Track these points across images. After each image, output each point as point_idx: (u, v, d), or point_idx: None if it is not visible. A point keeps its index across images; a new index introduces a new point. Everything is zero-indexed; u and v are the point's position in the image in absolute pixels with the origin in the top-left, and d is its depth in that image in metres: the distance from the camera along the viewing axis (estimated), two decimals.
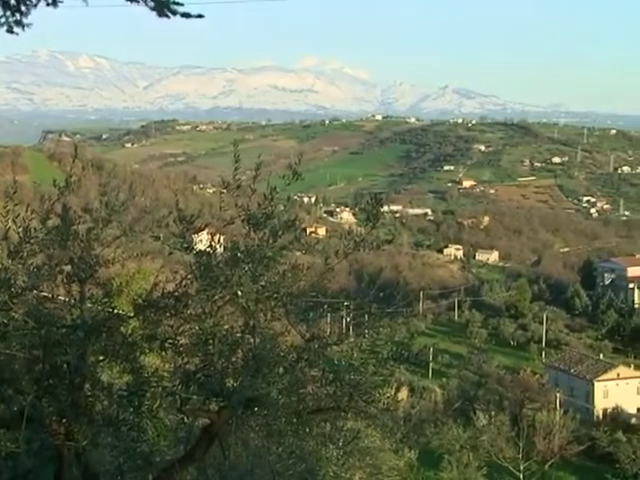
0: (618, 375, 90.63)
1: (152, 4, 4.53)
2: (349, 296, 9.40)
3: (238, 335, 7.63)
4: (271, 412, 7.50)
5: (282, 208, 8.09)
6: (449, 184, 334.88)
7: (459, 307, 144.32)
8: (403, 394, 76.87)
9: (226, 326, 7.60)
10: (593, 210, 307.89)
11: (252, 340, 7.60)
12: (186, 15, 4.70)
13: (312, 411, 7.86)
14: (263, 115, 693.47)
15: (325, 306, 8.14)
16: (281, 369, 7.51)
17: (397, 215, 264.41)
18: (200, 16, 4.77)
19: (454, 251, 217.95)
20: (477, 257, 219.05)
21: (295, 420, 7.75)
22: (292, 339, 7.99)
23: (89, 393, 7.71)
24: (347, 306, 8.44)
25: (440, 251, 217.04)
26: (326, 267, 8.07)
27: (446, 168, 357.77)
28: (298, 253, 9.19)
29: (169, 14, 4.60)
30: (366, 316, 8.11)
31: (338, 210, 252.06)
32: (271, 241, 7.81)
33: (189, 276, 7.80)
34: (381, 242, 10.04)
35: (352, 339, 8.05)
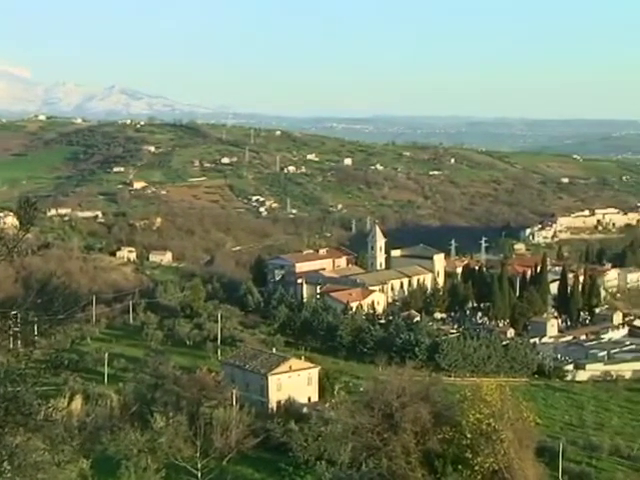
0: (290, 368, 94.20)
1: None
2: (13, 305, 8.90)
3: None
4: None
5: None
6: (120, 186, 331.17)
7: (134, 310, 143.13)
8: (77, 402, 74.97)
9: None
10: (262, 209, 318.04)
11: None
12: None
13: None
14: None
15: None
16: None
17: (66, 218, 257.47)
18: None
19: (127, 253, 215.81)
20: (151, 258, 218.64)
21: None
22: None
23: None
24: (14, 315, 7.97)
25: (113, 254, 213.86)
26: None
27: (116, 170, 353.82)
28: None
29: None
30: (34, 325, 7.69)
31: (2, 215, 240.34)
32: None
33: None
34: (38, 247, 9.58)
35: (20, 349, 7.60)
